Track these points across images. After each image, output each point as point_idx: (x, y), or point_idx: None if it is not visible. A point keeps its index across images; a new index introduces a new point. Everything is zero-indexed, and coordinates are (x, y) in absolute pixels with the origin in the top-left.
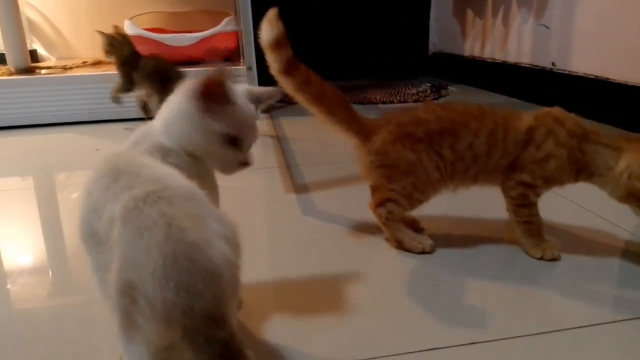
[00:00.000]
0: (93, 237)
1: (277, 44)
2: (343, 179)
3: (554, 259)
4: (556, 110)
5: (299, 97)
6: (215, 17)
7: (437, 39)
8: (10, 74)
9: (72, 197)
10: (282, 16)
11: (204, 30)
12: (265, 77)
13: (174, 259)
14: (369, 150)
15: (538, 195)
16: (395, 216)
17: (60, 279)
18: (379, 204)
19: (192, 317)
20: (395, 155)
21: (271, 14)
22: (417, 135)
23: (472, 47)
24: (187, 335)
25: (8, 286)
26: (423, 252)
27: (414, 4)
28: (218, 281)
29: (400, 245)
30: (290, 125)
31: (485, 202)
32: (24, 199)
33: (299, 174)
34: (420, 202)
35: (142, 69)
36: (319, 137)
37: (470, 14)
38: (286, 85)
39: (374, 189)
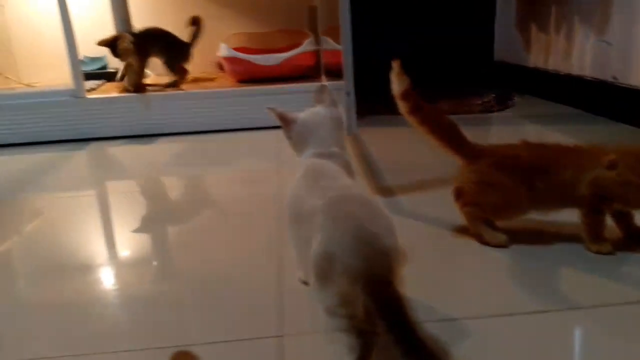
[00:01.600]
0: (297, 217)
1: (405, 94)
2: (426, 182)
3: (610, 254)
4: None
5: (420, 129)
6: (291, 36)
7: (501, 50)
8: (127, 90)
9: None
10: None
11: (281, 48)
12: (362, 102)
13: (361, 241)
14: (472, 169)
15: (611, 209)
16: (478, 215)
17: (162, 268)
18: (466, 204)
19: (371, 278)
20: (493, 177)
21: (397, 68)
22: (515, 168)
23: (535, 59)
24: (365, 289)
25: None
26: (499, 246)
27: (479, 16)
28: (387, 258)
29: (480, 239)
30: (369, 134)
31: None
32: (131, 201)
33: (382, 178)
34: (503, 218)
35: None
36: (398, 145)
37: (533, 28)
38: (411, 120)
39: (461, 193)
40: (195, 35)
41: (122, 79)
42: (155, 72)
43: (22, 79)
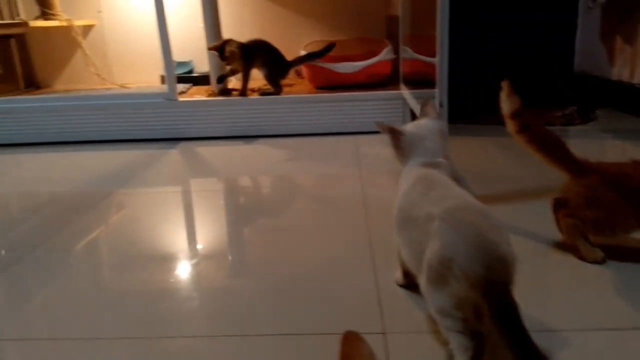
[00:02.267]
0: (408, 222)
1: (514, 114)
2: (513, 194)
3: None
4: None
5: (527, 147)
6: (369, 44)
7: (582, 61)
8: (214, 94)
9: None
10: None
11: (359, 56)
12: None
13: (482, 248)
14: (580, 183)
15: None
16: (578, 228)
17: (237, 263)
18: (568, 215)
19: (491, 285)
20: (602, 194)
21: (507, 89)
22: (625, 187)
23: (620, 71)
24: (484, 294)
25: (194, 266)
26: (595, 262)
27: (560, 26)
28: (506, 265)
29: (577, 253)
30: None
31: None
32: (216, 198)
33: (468, 189)
34: (604, 235)
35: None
36: (482, 155)
37: (618, 39)
38: (519, 139)
39: (563, 204)
40: (303, 59)
41: (219, 81)
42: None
43: (115, 81)
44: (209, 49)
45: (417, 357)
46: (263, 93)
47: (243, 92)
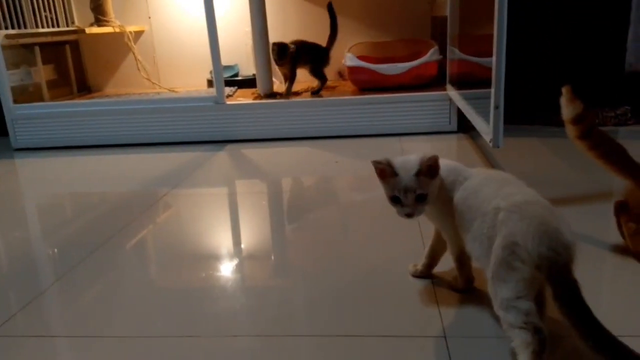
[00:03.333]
0: (474, 212)
1: (576, 120)
2: (566, 198)
3: None
4: None
5: (589, 153)
6: (414, 45)
7: (634, 59)
8: (259, 97)
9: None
10: None
11: (403, 57)
12: (511, 115)
13: (546, 233)
14: None
15: None
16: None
17: (279, 263)
18: (631, 220)
19: (555, 265)
20: None
21: (568, 94)
22: None
23: None
24: (549, 276)
25: (239, 266)
26: None
27: (611, 23)
28: (569, 250)
29: (638, 257)
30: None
31: None
32: (261, 199)
33: None
34: None
35: None
36: (532, 158)
37: None
38: (580, 145)
39: (625, 208)
40: (332, 39)
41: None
42: (279, 79)
43: (163, 84)
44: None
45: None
46: (313, 92)
47: (288, 92)
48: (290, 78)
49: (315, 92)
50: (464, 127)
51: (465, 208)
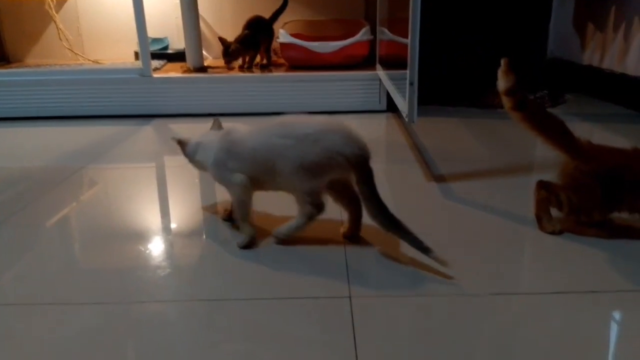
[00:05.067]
0: (267, 160)
1: (509, 91)
2: (478, 172)
3: None
4: None
5: (523, 125)
6: (347, 25)
7: (555, 47)
8: (189, 71)
9: None
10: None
11: (336, 36)
12: (424, 92)
13: (352, 139)
14: (577, 167)
15: None
16: (546, 202)
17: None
18: (545, 188)
19: (361, 160)
20: (593, 182)
21: (504, 66)
22: (623, 179)
23: (590, 57)
24: (357, 167)
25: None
26: (552, 233)
27: (534, 11)
28: (366, 148)
29: (538, 221)
30: (421, 124)
31: None
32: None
33: (436, 167)
34: (578, 221)
35: None
36: (451, 136)
37: (590, 26)
38: (515, 116)
39: (545, 186)
40: (278, 13)
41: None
42: (213, 55)
43: (88, 56)
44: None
45: (381, 319)
46: (263, 67)
47: (250, 65)
48: (251, 57)
49: (264, 67)
50: (394, 106)
51: (266, 156)
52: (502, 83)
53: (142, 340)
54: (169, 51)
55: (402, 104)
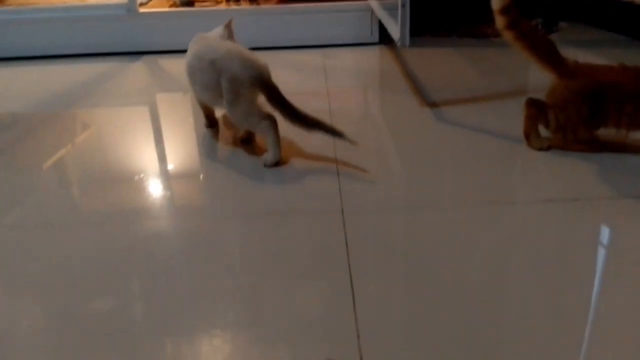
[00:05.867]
0: (195, 72)
1: (503, 10)
2: (471, 98)
3: None
4: None
5: (516, 44)
6: None
7: None
8: (175, 5)
9: None
10: None
11: None
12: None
13: (250, 62)
14: (565, 86)
15: None
16: (535, 120)
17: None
18: (534, 105)
19: (262, 80)
20: (580, 100)
21: None
22: (611, 94)
23: None
24: (262, 87)
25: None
26: (540, 149)
27: None
28: (266, 68)
29: (527, 138)
30: (414, 54)
31: None
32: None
33: (428, 94)
34: (565, 139)
35: None
36: (444, 65)
37: None
38: (507, 35)
39: (534, 103)
40: None
41: None
42: None
43: None
44: None
45: (373, 232)
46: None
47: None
48: None
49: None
50: (386, 39)
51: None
52: (496, 2)
53: (143, 254)
54: None
55: (394, 28)
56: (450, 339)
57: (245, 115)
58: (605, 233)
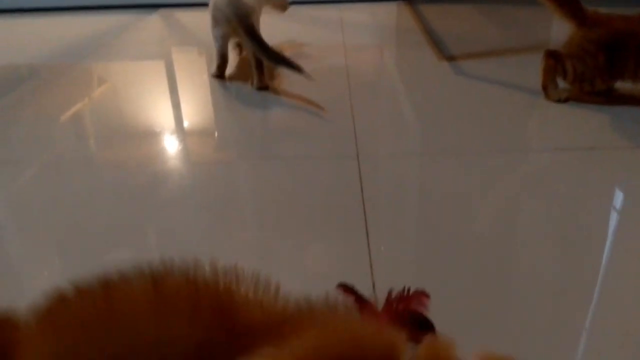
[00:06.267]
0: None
1: None
2: (489, 52)
3: None
4: None
5: None
6: None
7: None
8: None
9: None
10: None
11: None
12: None
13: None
14: (584, 36)
15: None
16: (553, 71)
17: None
18: (552, 56)
19: (241, 17)
20: (597, 49)
21: None
22: (628, 44)
23: None
24: (239, 24)
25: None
26: (558, 101)
27: None
28: (247, 8)
29: (544, 90)
30: (433, 10)
31: None
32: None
33: (446, 48)
34: (582, 89)
35: None
36: (461, 21)
37: None
38: None
39: (552, 54)
40: None
41: None
42: None
43: None
44: None
45: (388, 177)
46: None
47: None
48: None
49: None
50: None
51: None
52: None
53: (156, 195)
54: None
55: None
56: (461, 287)
57: (215, 38)
58: (620, 180)
